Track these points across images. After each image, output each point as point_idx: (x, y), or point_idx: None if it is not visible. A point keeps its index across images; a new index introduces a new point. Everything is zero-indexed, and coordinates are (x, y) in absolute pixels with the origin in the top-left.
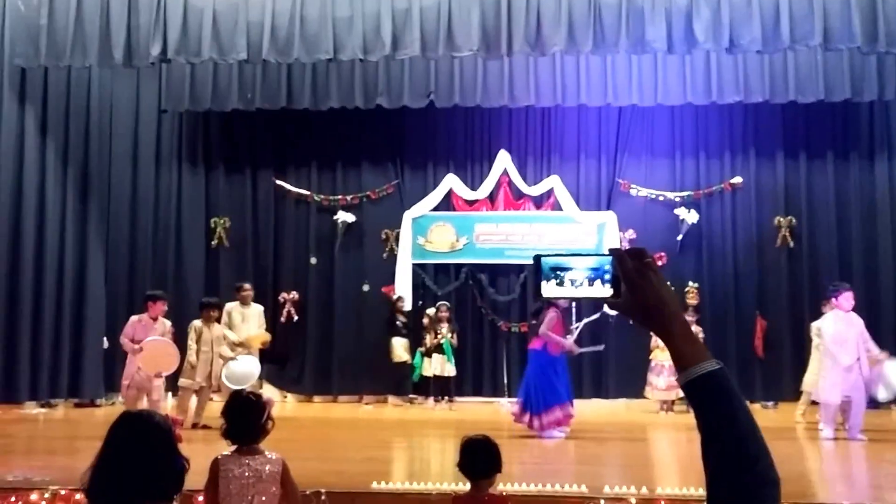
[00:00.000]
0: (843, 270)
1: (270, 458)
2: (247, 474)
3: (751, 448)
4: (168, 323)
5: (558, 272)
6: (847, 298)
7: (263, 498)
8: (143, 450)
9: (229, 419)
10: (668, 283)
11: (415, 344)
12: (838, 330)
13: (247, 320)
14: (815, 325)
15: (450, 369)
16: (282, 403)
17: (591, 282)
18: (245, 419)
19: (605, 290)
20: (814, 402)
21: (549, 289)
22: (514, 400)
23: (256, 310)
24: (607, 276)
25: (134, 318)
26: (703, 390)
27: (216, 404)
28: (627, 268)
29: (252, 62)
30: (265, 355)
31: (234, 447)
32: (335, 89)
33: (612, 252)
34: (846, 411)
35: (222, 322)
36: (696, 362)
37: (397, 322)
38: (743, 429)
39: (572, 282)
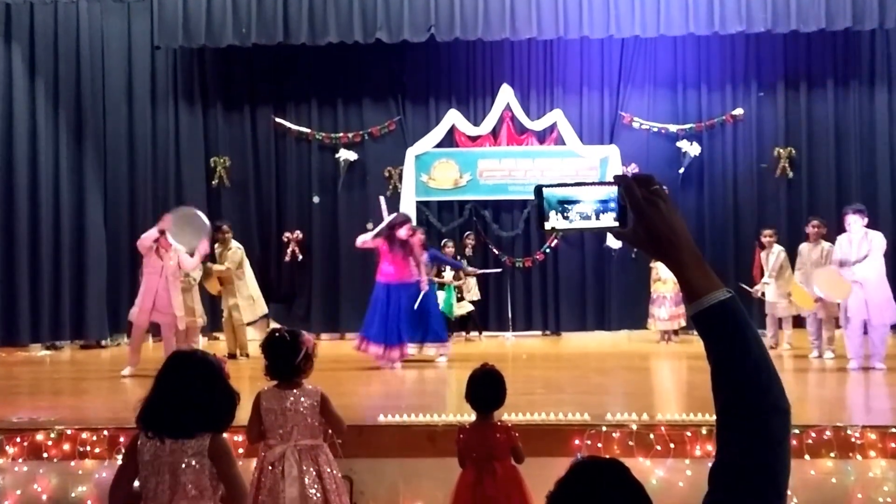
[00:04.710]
0: (841, 200)
1: (308, 392)
2: (286, 407)
3: (762, 377)
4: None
5: (565, 205)
6: (848, 222)
7: (302, 430)
8: (200, 383)
9: (266, 357)
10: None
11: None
12: (843, 252)
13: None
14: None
15: (464, 308)
16: None
17: (598, 214)
18: (279, 357)
19: (613, 221)
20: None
21: (554, 221)
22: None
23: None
24: (613, 206)
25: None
26: (714, 320)
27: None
28: (635, 196)
29: None
30: (271, 294)
31: (274, 382)
32: (333, 23)
33: (619, 180)
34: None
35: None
36: (707, 292)
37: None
38: (754, 358)
39: (580, 214)
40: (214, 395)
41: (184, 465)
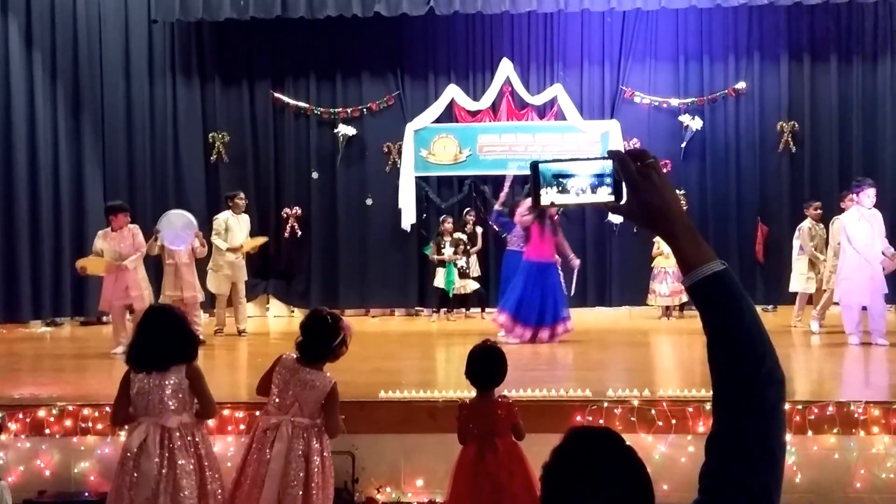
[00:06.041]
0: (843, 174)
1: (322, 378)
2: (294, 381)
3: (757, 347)
4: (135, 229)
5: (560, 179)
6: (868, 195)
7: (302, 407)
8: (169, 327)
9: (303, 334)
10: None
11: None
12: (864, 228)
13: (241, 228)
14: (838, 223)
15: (464, 286)
16: (289, 318)
17: (593, 188)
18: (315, 336)
19: (608, 195)
20: (809, 303)
21: (549, 196)
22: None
23: (245, 218)
24: (608, 181)
25: (99, 232)
26: (708, 291)
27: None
28: (629, 170)
29: None
30: (270, 270)
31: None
32: None
33: (613, 154)
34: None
35: (214, 231)
36: (702, 264)
37: (442, 248)
38: (749, 328)
39: (575, 188)
40: (183, 337)
41: (169, 390)
